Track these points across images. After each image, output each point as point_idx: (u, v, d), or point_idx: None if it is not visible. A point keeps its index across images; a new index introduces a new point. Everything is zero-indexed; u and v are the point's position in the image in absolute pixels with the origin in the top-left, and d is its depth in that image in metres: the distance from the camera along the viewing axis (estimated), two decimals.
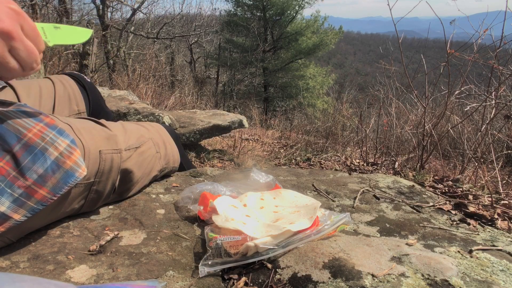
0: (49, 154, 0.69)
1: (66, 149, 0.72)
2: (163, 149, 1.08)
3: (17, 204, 0.65)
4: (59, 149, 0.71)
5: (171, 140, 1.14)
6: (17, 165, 0.65)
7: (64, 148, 0.72)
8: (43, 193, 0.67)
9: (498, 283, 0.63)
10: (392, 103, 3.32)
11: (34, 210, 0.67)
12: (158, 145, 1.06)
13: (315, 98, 14.45)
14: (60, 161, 0.70)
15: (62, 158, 0.70)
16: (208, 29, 13.83)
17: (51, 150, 0.70)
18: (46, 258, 0.70)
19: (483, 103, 2.12)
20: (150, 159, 1.01)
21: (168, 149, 1.11)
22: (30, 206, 0.66)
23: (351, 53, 73.19)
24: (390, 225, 0.90)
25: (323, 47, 15.01)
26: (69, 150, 0.72)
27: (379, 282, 0.62)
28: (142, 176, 0.98)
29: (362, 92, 9.18)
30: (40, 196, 0.67)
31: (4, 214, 0.63)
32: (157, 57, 9.78)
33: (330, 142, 3.86)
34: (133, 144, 0.94)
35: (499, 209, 1.02)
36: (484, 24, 2.05)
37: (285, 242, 0.72)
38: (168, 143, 1.12)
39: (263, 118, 6.65)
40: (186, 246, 0.78)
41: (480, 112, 2.72)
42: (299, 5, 15.24)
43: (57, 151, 0.70)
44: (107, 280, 0.65)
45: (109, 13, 9.32)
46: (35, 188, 0.67)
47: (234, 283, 0.66)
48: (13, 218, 0.65)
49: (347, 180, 1.24)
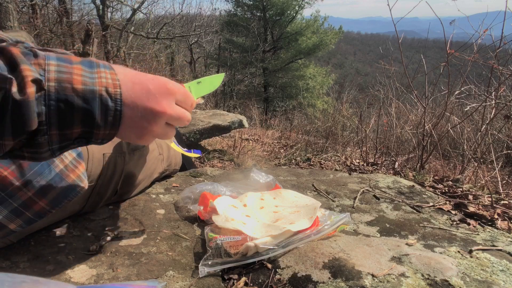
0: (54, 166, 0.68)
1: (71, 162, 0.71)
2: (166, 151, 1.08)
3: (15, 214, 0.64)
4: (65, 162, 0.70)
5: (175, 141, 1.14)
6: (21, 176, 0.64)
7: (69, 161, 0.71)
8: (42, 204, 0.67)
9: (498, 283, 0.63)
10: (392, 103, 3.32)
11: (30, 222, 0.67)
12: (162, 147, 1.05)
13: (315, 98, 14.46)
14: (64, 174, 0.69)
15: (66, 171, 0.70)
16: (208, 29, 13.83)
17: (57, 162, 0.69)
18: (46, 258, 0.70)
19: (483, 103, 2.12)
20: (153, 162, 1.00)
21: (171, 151, 1.11)
22: (27, 217, 0.66)
23: (351, 53, 73.19)
24: (390, 225, 0.90)
25: (323, 47, 15.02)
26: (74, 163, 0.72)
27: (379, 282, 0.62)
28: (143, 179, 0.98)
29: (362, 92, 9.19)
30: (38, 208, 0.67)
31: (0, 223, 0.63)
32: (157, 57, 9.78)
33: (330, 142, 3.86)
34: (138, 146, 0.94)
35: (499, 209, 1.02)
36: (484, 24, 2.06)
37: (285, 242, 0.72)
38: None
39: (263, 118, 6.65)
40: (186, 246, 0.78)
41: (480, 112, 2.72)
42: (299, 5, 15.25)
43: (62, 164, 0.70)
44: (107, 280, 0.65)
45: (109, 13, 9.33)
46: (35, 199, 0.66)
47: (234, 283, 0.66)
48: (8, 227, 0.64)
49: (347, 180, 1.24)
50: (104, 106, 0.46)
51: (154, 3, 13.66)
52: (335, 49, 34.42)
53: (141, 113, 0.50)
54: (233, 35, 15.64)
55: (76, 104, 0.44)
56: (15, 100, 0.39)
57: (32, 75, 0.41)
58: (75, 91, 0.44)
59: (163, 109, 0.52)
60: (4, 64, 0.40)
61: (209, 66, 15.07)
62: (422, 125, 2.14)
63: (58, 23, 7.81)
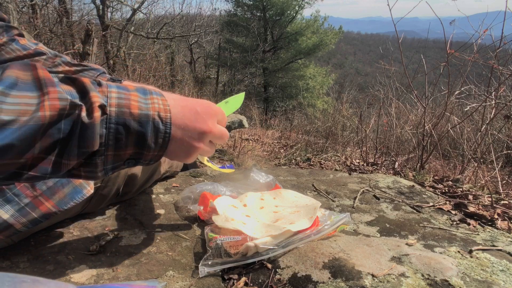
0: None
1: None
2: None
3: (21, 213, 0.65)
4: None
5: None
6: None
7: None
8: (49, 205, 0.68)
9: (498, 283, 0.63)
10: (392, 103, 3.32)
11: (36, 223, 0.67)
12: None
13: (315, 98, 14.45)
14: None
15: None
16: (208, 29, 13.82)
17: None
18: (46, 258, 0.70)
19: (483, 103, 2.12)
20: (155, 164, 1.01)
21: None
22: (33, 218, 0.66)
23: (351, 53, 73.15)
24: (390, 225, 0.90)
25: (323, 47, 15.02)
26: None
27: (379, 282, 0.62)
28: (145, 180, 0.99)
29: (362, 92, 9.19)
30: (45, 209, 0.67)
31: (6, 222, 0.63)
32: (157, 57, 9.78)
33: (330, 142, 3.86)
34: None
35: (499, 209, 1.02)
36: (484, 24, 2.06)
37: (285, 242, 0.72)
38: None
39: (263, 118, 6.65)
40: (186, 246, 0.78)
41: (480, 112, 2.72)
42: (299, 5, 15.24)
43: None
44: (107, 280, 0.65)
45: (109, 13, 9.33)
46: (42, 200, 0.67)
47: (234, 283, 0.66)
48: (14, 227, 0.65)
49: (347, 180, 1.24)
50: (156, 128, 0.51)
51: (154, 3, 13.65)
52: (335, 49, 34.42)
53: (191, 133, 0.56)
54: (233, 35, 15.64)
55: (132, 127, 0.48)
56: (83, 123, 0.44)
57: (99, 101, 0.45)
58: (132, 115, 0.48)
59: (210, 129, 0.58)
60: (76, 92, 0.45)
61: (209, 66, 15.06)
62: (422, 125, 2.14)
63: (58, 23, 7.81)
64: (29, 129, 0.39)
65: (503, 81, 2.21)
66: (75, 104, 0.43)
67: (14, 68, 0.40)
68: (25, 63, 0.42)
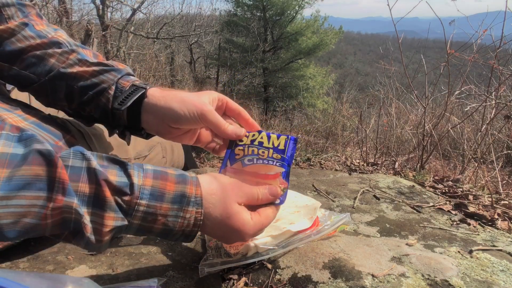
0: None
1: None
2: (170, 154, 1.08)
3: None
4: None
5: (179, 144, 1.14)
6: None
7: None
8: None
9: (498, 284, 0.63)
10: (392, 103, 3.32)
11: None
12: (166, 150, 1.06)
13: (315, 98, 14.44)
14: None
15: None
16: (208, 29, 13.81)
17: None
18: (46, 258, 0.70)
19: (483, 103, 2.12)
20: (157, 165, 1.01)
21: (175, 154, 1.11)
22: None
23: (351, 53, 73.14)
24: (390, 225, 0.90)
25: (323, 47, 15.00)
26: None
27: (379, 283, 0.62)
28: None
29: (362, 92, 9.19)
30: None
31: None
32: (157, 57, 9.77)
33: (330, 142, 3.86)
34: (142, 152, 0.94)
35: (499, 209, 1.02)
36: (483, 24, 2.06)
37: (285, 242, 0.72)
38: (176, 146, 1.11)
39: (263, 118, 6.65)
40: (186, 246, 0.78)
41: (480, 112, 2.72)
42: (299, 5, 15.23)
43: None
44: (107, 280, 0.65)
45: (109, 13, 9.32)
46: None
47: (234, 283, 0.66)
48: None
49: (347, 180, 1.24)
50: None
51: (154, 3, 13.62)
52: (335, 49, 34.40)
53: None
54: (233, 35, 15.62)
55: (154, 230, 0.51)
56: (89, 239, 0.47)
57: (112, 225, 0.46)
58: (154, 229, 0.51)
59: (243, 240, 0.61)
60: (92, 207, 0.46)
61: (209, 66, 15.06)
62: (422, 125, 2.14)
63: (58, 23, 7.80)
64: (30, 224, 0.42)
65: (503, 81, 2.21)
66: (79, 221, 0.44)
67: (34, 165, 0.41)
68: (48, 154, 0.42)
